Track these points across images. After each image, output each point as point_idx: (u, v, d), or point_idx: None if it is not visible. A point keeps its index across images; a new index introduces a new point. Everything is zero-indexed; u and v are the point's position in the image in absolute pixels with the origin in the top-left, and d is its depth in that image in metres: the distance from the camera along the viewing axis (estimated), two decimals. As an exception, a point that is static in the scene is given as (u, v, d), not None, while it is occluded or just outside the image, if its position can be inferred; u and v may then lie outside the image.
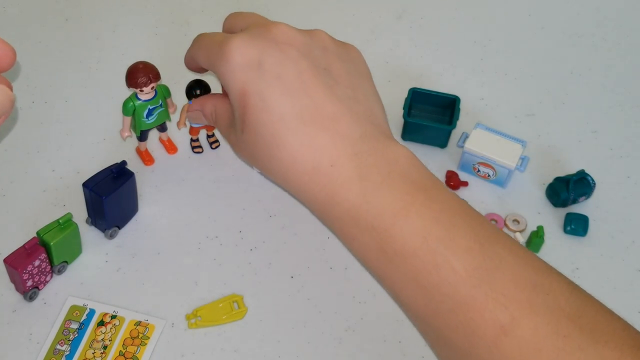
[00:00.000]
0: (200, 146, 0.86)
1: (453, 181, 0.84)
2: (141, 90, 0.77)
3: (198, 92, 0.80)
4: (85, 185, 0.74)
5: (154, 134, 0.86)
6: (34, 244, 0.70)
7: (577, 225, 0.80)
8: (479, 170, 0.85)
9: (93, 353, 0.69)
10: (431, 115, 0.90)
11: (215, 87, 0.84)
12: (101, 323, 0.71)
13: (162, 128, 0.84)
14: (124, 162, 0.76)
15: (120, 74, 0.78)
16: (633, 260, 0.79)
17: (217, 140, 0.87)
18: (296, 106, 0.51)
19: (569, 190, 0.81)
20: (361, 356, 0.70)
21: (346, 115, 0.52)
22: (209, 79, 0.83)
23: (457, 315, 0.49)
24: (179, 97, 0.84)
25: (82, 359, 0.68)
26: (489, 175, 0.84)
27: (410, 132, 0.87)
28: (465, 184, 0.85)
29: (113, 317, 0.71)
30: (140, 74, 0.76)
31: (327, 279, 0.76)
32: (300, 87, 0.51)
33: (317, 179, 0.51)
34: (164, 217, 0.80)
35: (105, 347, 0.69)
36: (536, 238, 0.77)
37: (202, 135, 0.87)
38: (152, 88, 0.77)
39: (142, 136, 0.82)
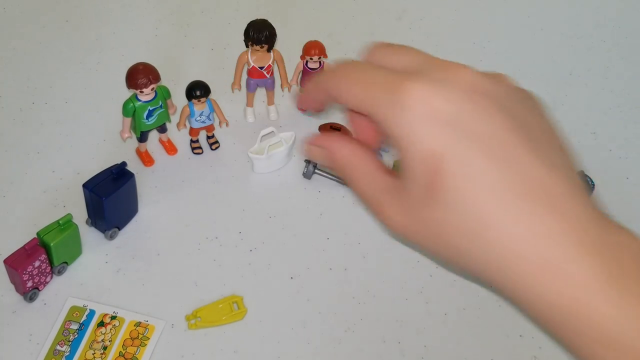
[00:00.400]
0: (200, 147, 0.87)
1: (452, 182, 0.84)
2: (141, 92, 0.77)
3: (198, 92, 0.81)
4: (85, 186, 0.74)
5: (153, 135, 0.86)
6: (34, 244, 0.70)
7: (576, 226, 0.80)
8: (478, 172, 0.85)
9: (93, 354, 0.69)
10: (431, 116, 0.90)
11: (216, 88, 0.84)
12: (101, 324, 0.71)
13: (162, 129, 0.84)
14: (124, 163, 0.76)
15: (120, 75, 0.79)
16: (632, 261, 0.79)
17: (216, 142, 0.87)
18: (506, 175, 0.40)
19: (568, 191, 0.81)
20: (361, 356, 0.70)
21: (565, 188, 0.41)
22: (210, 80, 0.83)
23: None
24: (179, 98, 0.84)
25: (82, 359, 0.68)
26: (488, 176, 0.84)
27: (410, 133, 0.88)
28: (465, 185, 0.85)
29: (113, 317, 0.71)
30: (140, 75, 0.76)
31: (326, 279, 0.76)
32: (505, 150, 0.41)
33: (546, 277, 0.40)
34: (163, 217, 0.80)
35: (105, 348, 0.69)
36: (535, 239, 0.77)
37: (202, 136, 0.87)
38: (152, 89, 0.77)
39: (142, 137, 0.82)
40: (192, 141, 0.86)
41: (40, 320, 0.71)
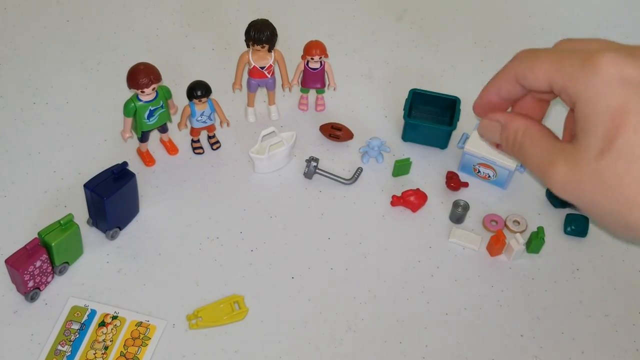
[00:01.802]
0: (201, 147, 0.87)
1: (453, 182, 0.84)
2: (142, 92, 0.77)
3: (199, 92, 0.81)
4: (86, 186, 0.74)
5: (154, 135, 0.86)
6: (35, 244, 0.70)
7: (577, 226, 0.80)
8: (479, 171, 0.85)
9: (94, 354, 0.69)
10: (431, 116, 0.90)
11: (217, 88, 0.84)
12: (102, 324, 0.71)
13: (163, 129, 0.84)
14: (125, 163, 0.76)
15: (121, 75, 0.79)
16: (633, 261, 0.79)
17: (217, 142, 0.87)
18: None
19: (569, 191, 0.81)
20: (362, 356, 0.70)
21: None
22: (210, 80, 0.83)
23: None
24: (180, 98, 0.84)
25: (83, 359, 0.68)
26: (489, 176, 0.85)
27: (411, 133, 0.88)
28: (466, 184, 0.85)
29: (114, 317, 0.71)
30: (141, 75, 0.76)
31: (327, 279, 0.76)
32: None
33: None
34: (164, 217, 0.80)
35: (106, 348, 0.69)
36: (536, 239, 0.78)
37: (203, 136, 0.87)
38: (153, 89, 0.77)
39: (143, 137, 0.82)
40: (193, 141, 0.86)
41: (42, 320, 0.71)
